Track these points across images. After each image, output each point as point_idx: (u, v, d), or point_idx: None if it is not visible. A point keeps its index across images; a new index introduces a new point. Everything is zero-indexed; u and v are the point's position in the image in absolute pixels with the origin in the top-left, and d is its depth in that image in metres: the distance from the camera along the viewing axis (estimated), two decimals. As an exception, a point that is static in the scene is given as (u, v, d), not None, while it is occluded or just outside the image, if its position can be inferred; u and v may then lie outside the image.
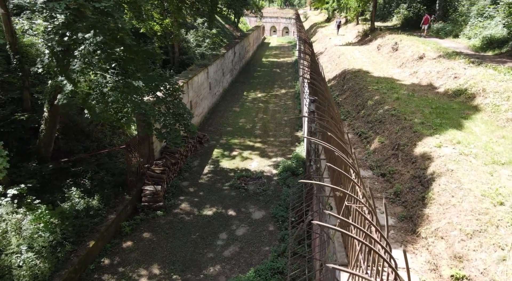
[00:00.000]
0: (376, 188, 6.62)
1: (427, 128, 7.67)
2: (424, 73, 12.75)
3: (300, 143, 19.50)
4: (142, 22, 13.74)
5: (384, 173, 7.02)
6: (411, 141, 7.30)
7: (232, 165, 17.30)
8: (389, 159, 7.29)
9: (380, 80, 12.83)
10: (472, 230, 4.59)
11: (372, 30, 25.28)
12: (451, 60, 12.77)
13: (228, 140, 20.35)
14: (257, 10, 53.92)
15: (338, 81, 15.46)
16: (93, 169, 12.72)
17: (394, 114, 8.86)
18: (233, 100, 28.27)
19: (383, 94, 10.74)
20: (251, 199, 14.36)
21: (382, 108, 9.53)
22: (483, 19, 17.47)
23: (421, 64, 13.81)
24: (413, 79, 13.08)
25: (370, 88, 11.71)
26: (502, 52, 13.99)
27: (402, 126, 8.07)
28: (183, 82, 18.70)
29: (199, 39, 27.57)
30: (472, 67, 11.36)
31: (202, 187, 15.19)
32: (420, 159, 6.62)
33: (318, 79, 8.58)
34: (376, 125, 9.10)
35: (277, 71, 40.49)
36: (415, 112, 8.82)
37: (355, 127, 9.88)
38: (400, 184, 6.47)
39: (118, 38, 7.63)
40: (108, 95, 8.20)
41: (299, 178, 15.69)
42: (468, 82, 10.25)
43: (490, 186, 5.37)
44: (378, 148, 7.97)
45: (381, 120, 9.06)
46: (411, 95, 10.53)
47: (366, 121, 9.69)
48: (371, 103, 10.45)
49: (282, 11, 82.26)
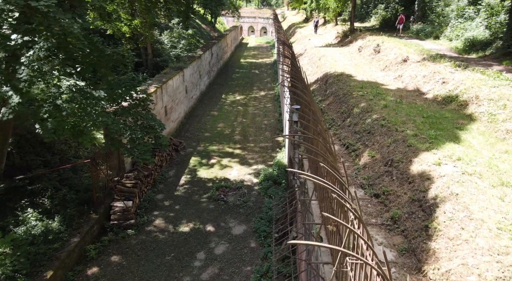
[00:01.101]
0: (370, 212, 5.90)
1: (422, 141, 7.01)
2: (409, 77, 12.22)
3: (281, 149, 18.74)
4: (108, 23, 12.58)
5: (377, 193, 6.31)
6: (406, 157, 6.62)
7: (210, 174, 16.34)
8: (382, 177, 6.59)
9: (365, 84, 12.19)
10: (494, 277, 3.89)
11: (351, 31, 24.87)
12: (436, 63, 12.30)
13: (206, 146, 19.35)
14: (235, 10, 52.96)
15: (320, 85, 14.77)
16: (55, 185, 11.49)
17: (384, 125, 8.18)
18: (211, 103, 27.24)
19: (370, 101, 10.08)
20: (231, 212, 13.46)
21: (370, 117, 8.86)
22: (463, 20, 17.28)
23: (405, 67, 13.31)
24: (398, 83, 12.54)
25: (355, 94, 11.03)
26: (486, 54, 13.71)
27: (394, 139, 7.39)
28: (156, 86, 17.57)
29: (174, 40, 26.38)
30: (459, 71, 10.91)
31: (178, 200, 14.17)
32: (418, 179, 5.94)
33: (301, 86, 7.80)
34: (364, 136, 8.40)
35: (256, 72, 39.69)
36: (406, 122, 8.18)
37: (341, 137, 9.16)
38: (397, 208, 5.76)
39: (66, 43, 6.57)
40: (63, 108, 7.11)
41: (281, 187, 14.93)
42: (458, 88, 9.75)
43: (505, 216, 4.74)
44: (369, 163, 7.27)
45: (370, 131, 8.37)
46: (399, 102, 9.92)
47: (354, 131, 8.98)
48: (357, 110, 9.77)
49: (259, 11, 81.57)
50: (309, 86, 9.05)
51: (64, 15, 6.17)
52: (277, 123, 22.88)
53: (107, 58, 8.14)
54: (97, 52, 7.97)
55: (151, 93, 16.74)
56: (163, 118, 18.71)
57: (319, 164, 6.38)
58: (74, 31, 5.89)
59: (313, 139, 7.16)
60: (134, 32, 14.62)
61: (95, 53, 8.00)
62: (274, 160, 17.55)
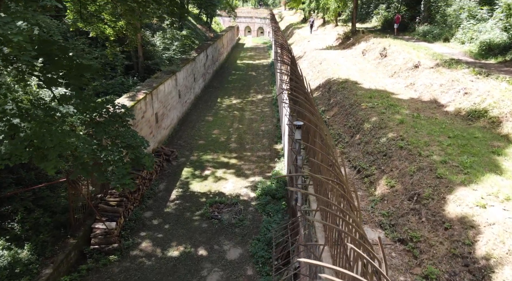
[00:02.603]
0: (396, 265, 4.75)
1: (454, 171, 5.86)
2: (423, 86, 11.07)
3: (280, 158, 17.57)
4: (89, 25, 11.40)
5: (403, 238, 5.16)
6: (437, 192, 5.46)
7: (203, 187, 15.13)
8: (406, 216, 5.44)
9: (373, 94, 11.03)
10: None
11: (353, 32, 23.71)
12: (452, 70, 11.16)
13: (200, 156, 18.13)
14: (231, 10, 51.81)
15: (322, 93, 13.61)
16: (28, 206, 10.25)
17: (403, 147, 7.02)
18: (206, 108, 26.02)
19: (382, 115, 8.92)
20: (226, 231, 12.27)
21: (384, 136, 7.70)
22: (476, 21, 16.17)
23: (417, 74, 12.16)
24: (411, 92, 11.37)
25: (363, 105, 9.88)
26: (506, 59, 12.56)
27: (418, 166, 6.24)
28: (146, 93, 16.36)
29: (166, 41, 25.14)
30: (481, 79, 9.78)
31: (168, 218, 12.96)
32: (457, 225, 4.80)
33: (305, 103, 6.63)
34: (379, 159, 7.24)
35: (253, 74, 38.51)
36: (430, 143, 7.01)
37: (350, 157, 8.00)
38: (432, 262, 4.63)
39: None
40: (21, 128, 5.90)
41: (280, 203, 13.76)
42: (485, 100, 8.60)
43: None
44: (388, 195, 6.12)
45: (386, 153, 7.20)
46: (417, 116, 8.74)
47: (365, 152, 7.82)
48: (368, 126, 8.62)
49: (256, 11, 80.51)
50: (311, 92, 7.96)
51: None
52: (275, 130, 21.72)
53: (78, 67, 6.93)
54: (67, 60, 6.76)
55: (140, 99, 15.54)
56: (153, 125, 17.50)
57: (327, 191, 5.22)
58: (17, 37, 4.69)
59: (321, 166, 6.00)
60: (119, 35, 13.45)
61: (64, 61, 6.79)
62: (273, 171, 16.39)
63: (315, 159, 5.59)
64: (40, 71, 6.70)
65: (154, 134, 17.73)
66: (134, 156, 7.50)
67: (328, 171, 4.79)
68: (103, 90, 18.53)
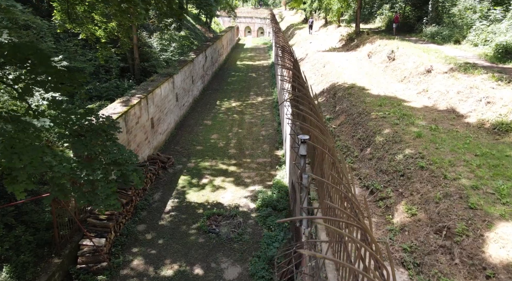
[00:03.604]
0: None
1: (490, 199, 5.03)
2: (438, 93, 10.23)
3: (281, 166, 16.78)
4: (78, 26, 10.62)
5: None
6: (472, 227, 4.62)
7: (201, 197, 14.34)
8: (434, 254, 4.63)
9: (383, 101, 10.19)
10: None
11: (357, 33, 22.89)
12: (469, 75, 10.34)
13: (198, 162, 17.34)
14: (231, 10, 51.02)
15: (327, 99, 12.79)
16: (10, 222, 9.45)
17: (424, 166, 6.21)
18: (204, 111, 25.23)
19: (395, 126, 8.10)
20: (224, 247, 11.48)
21: (400, 152, 6.89)
22: (489, 22, 15.36)
23: (430, 79, 11.34)
24: (424, 99, 10.53)
25: (373, 115, 9.06)
26: (526, 64, 11.78)
27: (445, 192, 5.41)
28: (140, 97, 15.56)
29: (164, 43, 24.34)
30: (503, 86, 8.97)
31: (163, 231, 12.17)
32: (503, 274, 3.98)
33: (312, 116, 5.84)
34: (396, 179, 6.42)
35: (253, 75, 37.72)
36: (456, 162, 6.19)
37: (361, 174, 7.18)
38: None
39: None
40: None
41: (281, 215, 12.97)
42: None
43: None
44: (409, 225, 5.31)
45: (404, 173, 6.38)
46: (435, 128, 7.91)
47: (379, 169, 7.00)
48: (380, 139, 7.80)
49: (256, 11, 79.75)
50: (314, 99, 7.16)
51: None
52: (276, 134, 20.93)
53: (58, 74, 6.13)
54: (42, 67, 5.95)
55: (134, 105, 14.75)
56: (149, 131, 16.71)
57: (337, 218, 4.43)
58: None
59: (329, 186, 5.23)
60: (110, 36, 12.67)
61: (40, 68, 5.99)
62: (274, 179, 15.59)
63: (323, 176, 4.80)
64: (14, 80, 5.90)
65: (150, 140, 16.95)
66: (121, 173, 6.71)
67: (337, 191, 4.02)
68: (97, 94, 17.75)
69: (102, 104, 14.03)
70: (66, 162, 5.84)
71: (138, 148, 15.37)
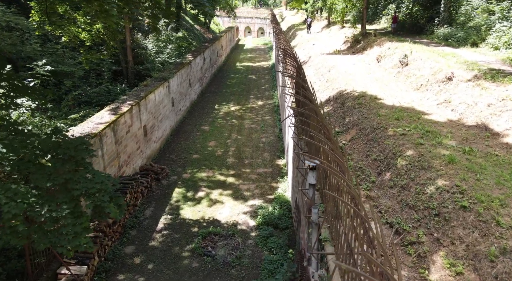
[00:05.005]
0: None
1: None
2: (464, 105, 9.04)
3: (283, 177, 15.67)
4: (60, 28, 9.53)
5: None
6: None
7: (196, 213, 13.23)
8: None
9: (400, 114, 9.01)
10: None
11: (363, 35, 21.73)
12: (498, 84, 9.19)
13: (194, 173, 16.23)
14: (230, 10, 49.92)
15: (334, 108, 11.64)
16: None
17: (467, 207, 5.05)
18: (202, 116, 24.12)
19: (419, 146, 6.94)
20: (220, 273, 10.36)
21: (432, 183, 5.73)
22: (510, 23, 14.20)
23: (451, 88, 10.17)
24: (447, 112, 9.34)
25: (391, 131, 7.92)
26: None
27: (502, 247, 4.24)
28: (131, 104, 14.46)
29: (160, 44, 23.23)
30: (541, 99, 7.86)
31: (153, 254, 11.06)
32: None
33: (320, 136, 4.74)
34: (428, 218, 5.26)
35: (253, 77, 36.63)
36: (507, 202, 4.99)
37: (381, 206, 6.04)
38: None
39: None
40: None
41: (283, 234, 11.85)
42: (560, 131, 6.67)
43: None
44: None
45: (440, 212, 5.21)
46: (469, 151, 6.70)
47: (404, 203, 5.84)
48: (402, 163, 6.66)
49: (256, 11, 78.74)
50: (320, 107, 6.09)
51: None
52: (277, 141, 19.83)
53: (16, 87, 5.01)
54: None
55: (124, 113, 13.65)
56: (141, 140, 15.60)
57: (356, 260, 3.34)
58: None
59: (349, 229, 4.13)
60: (96, 40, 11.58)
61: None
62: (275, 193, 14.48)
63: (337, 213, 3.71)
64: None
65: (143, 149, 15.83)
66: (94, 205, 5.61)
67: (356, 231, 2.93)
68: (87, 100, 16.65)
69: (86, 114, 12.92)
70: (22, 197, 4.73)
71: (129, 159, 14.26)
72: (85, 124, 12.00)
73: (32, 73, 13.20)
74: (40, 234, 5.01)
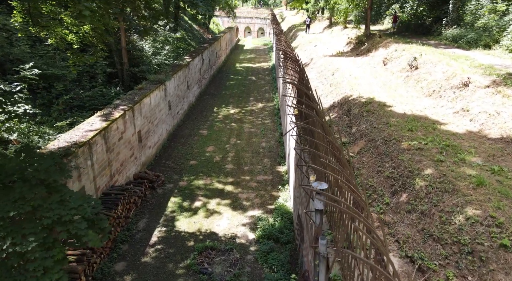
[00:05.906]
0: None
1: None
2: (484, 114, 8.27)
3: (284, 186, 14.93)
4: (45, 30, 8.85)
5: None
6: None
7: (192, 225, 12.50)
8: None
9: (413, 123, 8.23)
10: None
11: (367, 36, 20.97)
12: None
13: (191, 181, 15.50)
14: (230, 10, 49.18)
15: (339, 116, 10.88)
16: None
17: (508, 246, 4.29)
18: (200, 119, 23.39)
19: (440, 164, 6.18)
20: (217, 293, 9.63)
21: (460, 211, 4.96)
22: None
23: (468, 95, 9.41)
24: (465, 122, 8.56)
25: (405, 144, 7.16)
26: None
27: None
28: (125, 109, 13.73)
29: (157, 46, 22.50)
30: None
31: (146, 271, 10.33)
32: None
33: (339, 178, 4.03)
34: (459, 255, 4.53)
35: (253, 79, 35.90)
36: None
37: (398, 234, 5.29)
38: None
39: None
40: None
41: (285, 249, 11.12)
42: None
43: None
44: None
45: (473, 250, 4.44)
46: (499, 171, 5.92)
47: (426, 232, 5.08)
48: (421, 183, 5.90)
49: (256, 11, 78.06)
50: (324, 113, 5.41)
51: None
52: (277, 146, 19.10)
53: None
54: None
55: (117, 118, 12.91)
56: (135, 146, 14.87)
57: None
58: None
59: None
60: (84, 42, 10.88)
61: None
62: (276, 203, 13.75)
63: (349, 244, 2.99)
64: None
65: (137, 156, 15.10)
66: (69, 233, 4.89)
67: None
68: (79, 104, 15.91)
69: (74, 121, 12.19)
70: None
71: (121, 167, 13.53)
72: (73, 132, 11.28)
73: (19, 77, 12.49)
74: (3, 272, 4.30)
